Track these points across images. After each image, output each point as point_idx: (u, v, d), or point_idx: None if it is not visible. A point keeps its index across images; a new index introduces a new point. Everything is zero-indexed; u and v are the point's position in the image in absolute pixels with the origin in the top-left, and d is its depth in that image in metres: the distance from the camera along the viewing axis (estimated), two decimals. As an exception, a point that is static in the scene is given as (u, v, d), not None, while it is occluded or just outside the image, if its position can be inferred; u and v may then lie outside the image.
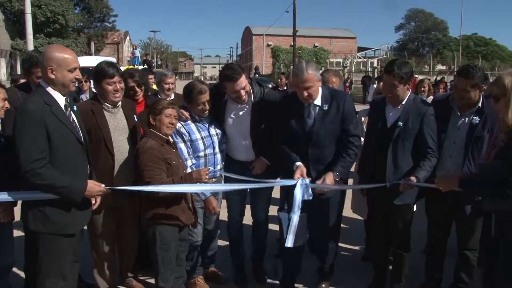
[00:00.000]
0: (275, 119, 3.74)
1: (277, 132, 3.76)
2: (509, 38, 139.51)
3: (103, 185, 3.02)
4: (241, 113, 3.85)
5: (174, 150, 3.46)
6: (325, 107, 3.59)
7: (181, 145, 3.65)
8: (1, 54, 24.77)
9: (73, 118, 2.98)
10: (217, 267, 4.32)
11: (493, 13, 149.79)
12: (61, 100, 2.90)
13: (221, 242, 4.91)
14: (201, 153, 3.72)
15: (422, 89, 7.30)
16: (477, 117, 3.43)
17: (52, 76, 2.84)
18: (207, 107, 3.69)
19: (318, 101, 3.59)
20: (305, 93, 3.47)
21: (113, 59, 29.56)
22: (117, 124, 3.54)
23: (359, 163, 3.99)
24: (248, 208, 4.27)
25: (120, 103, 3.59)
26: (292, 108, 3.66)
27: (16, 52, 26.99)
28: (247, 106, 3.83)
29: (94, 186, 2.96)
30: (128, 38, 57.97)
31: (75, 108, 3.08)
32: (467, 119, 3.49)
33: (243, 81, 3.63)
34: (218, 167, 3.85)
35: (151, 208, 3.33)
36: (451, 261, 3.86)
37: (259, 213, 4.17)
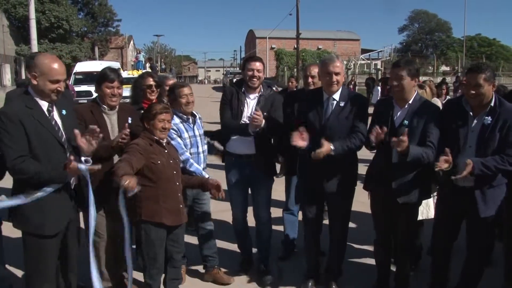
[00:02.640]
0: (295, 114, 4.05)
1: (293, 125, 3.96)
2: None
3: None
4: (249, 105, 4.08)
5: (166, 151, 3.52)
6: (342, 104, 3.77)
7: (178, 140, 3.89)
8: (6, 59, 24.95)
9: (56, 122, 3.03)
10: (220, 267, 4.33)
11: (496, 13, 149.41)
12: (44, 104, 2.98)
13: (224, 244, 4.94)
14: (187, 152, 3.94)
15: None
16: (489, 117, 3.33)
17: (34, 82, 2.92)
18: (190, 99, 3.98)
19: (336, 97, 3.78)
20: (334, 78, 3.69)
21: (118, 64, 29.65)
22: (112, 125, 3.68)
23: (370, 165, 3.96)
24: (250, 209, 4.31)
25: (117, 107, 3.72)
26: (312, 99, 3.87)
27: (21, 57, 27.16)
28: (255, 100, 4.09)
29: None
30: (132, 42, 58.19)
31: (64, 112, 3.12)
32: (480, 120, 3.39)
33: (259, 65, 4.08)
34: (202, 166, 4.01)
35: (138, 206, 3.43)
36: (458, 260, 3.78)
37: (261, 212, 4.23)
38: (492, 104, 3.35)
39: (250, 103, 4.09)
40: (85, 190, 3.10)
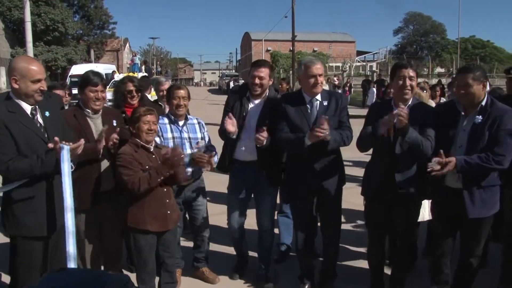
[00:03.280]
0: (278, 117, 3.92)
1: (279, 129, 3.87)
2: (506, 40, 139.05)
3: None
4: (252, 112, 4.04)
5: (153, 156, 3.52)
6: (325, 103, 3.80)
7: (156, 139, 3.83)
8: (1, 62, 24.86)
9: (40, 124, 3.05)
10: (212, 269, 4.36)
11: (490, 15, 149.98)
12: (27, 107, 3.00)
13: (220, 247, 4.94)
14: None
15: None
16: (480, 116, 3.34)
17: (16, 86, 2.93)
18: (182, 103, 4.00)
19: (319, 97, 3.81)
20: (320, 79, 3.72)
21: (113, 67, 29.54)
22: (97, 129, 3.65)
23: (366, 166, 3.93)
24: (253, 214, 4.27)
25: (101, 111, 3.69)
26: (294, 103, 3.84)
27: (16, 60, 27.08)
28: (259, 106, 4.05)
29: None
30: (127, 45, 58.04)
31: (47, 114, 3.12)
32: (471, 119, 3.40)
33: (264, 71, 3.96)
34: (189, 168, 3.99)
35: (126, 214, 3.47)
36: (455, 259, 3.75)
37: (264, 221, 4.20)
38: (484, 103, 3.37)
39: (254, 109, 4.04)
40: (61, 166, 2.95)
